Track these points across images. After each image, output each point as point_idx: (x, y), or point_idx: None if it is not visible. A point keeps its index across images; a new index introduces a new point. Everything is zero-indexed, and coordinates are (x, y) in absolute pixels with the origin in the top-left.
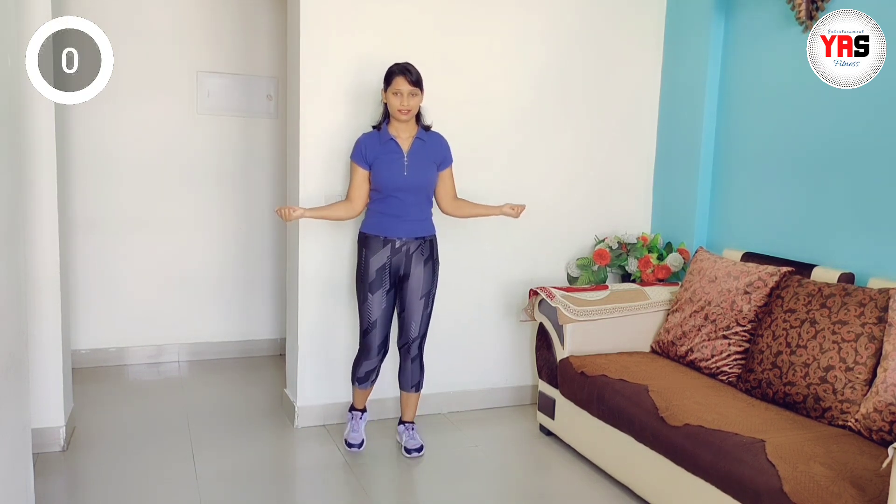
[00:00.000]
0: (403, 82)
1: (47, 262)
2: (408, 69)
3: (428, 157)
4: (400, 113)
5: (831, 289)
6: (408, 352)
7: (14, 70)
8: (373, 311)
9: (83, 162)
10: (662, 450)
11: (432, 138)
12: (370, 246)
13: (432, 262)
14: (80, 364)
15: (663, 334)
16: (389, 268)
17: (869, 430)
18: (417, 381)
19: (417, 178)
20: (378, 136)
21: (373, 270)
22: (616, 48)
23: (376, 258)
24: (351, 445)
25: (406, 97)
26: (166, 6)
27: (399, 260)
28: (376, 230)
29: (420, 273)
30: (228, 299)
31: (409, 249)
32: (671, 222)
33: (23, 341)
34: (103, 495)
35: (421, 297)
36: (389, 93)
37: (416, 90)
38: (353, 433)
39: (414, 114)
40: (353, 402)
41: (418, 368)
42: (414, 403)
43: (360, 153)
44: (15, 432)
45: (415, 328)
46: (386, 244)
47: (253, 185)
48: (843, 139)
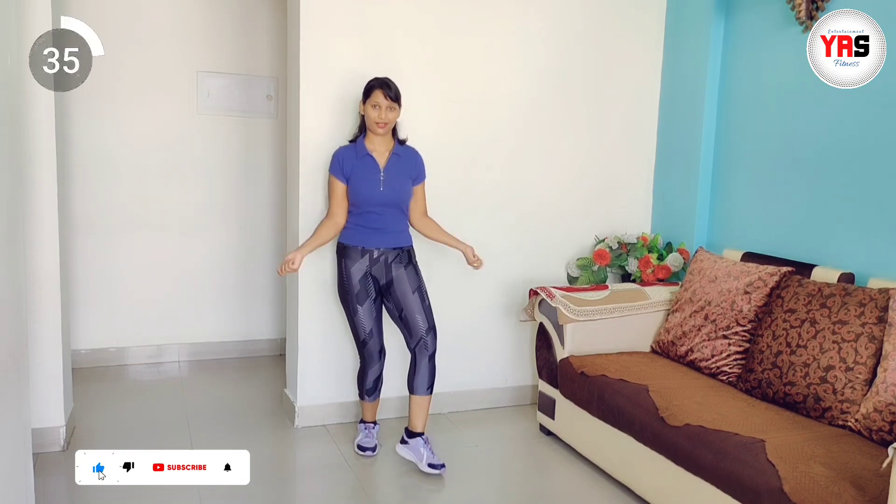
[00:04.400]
0: (381, 96)
1: (47, 261)
2: (387, 83)
3: (403, 172)
4: (377, 126)
5: (831, 289)
6: (424, 348)
7: (14, 70)
8: (365, 322)
9: (83, 162)
10: (662, 450)
11: (407, 153)
12: (349, 255)
13: (413, 266)
14: (80, 364)
15: (663, 334)
16: (371, 277)
17: (869, 430)
18: (432, 383)
19: (393, 194)
20: (354, 150)
21: (355, 281)
22: (616, 48)
23: (356, 267)
24: (364, 449)
25: (384, 111)
26: (166, 6)
27: (378, 269)
28: (354, 241)
29: (403, 274)
30: (228, 299)
31: (387, 259)
32: (671, 222)
33: (23, 341)
34: (103, 495)
35: (413, 291)
36: (368, 105)
37: (394, 105)
38: (366, 438)
39: (390, 128)
40: (363, 415)
41: (433, 368)
42: (427, 409)
43: (339, 167)
44: (15, 432)
45: (421, 320)
46: (364, 254)
47: (253, 185)
48: (844, 139)
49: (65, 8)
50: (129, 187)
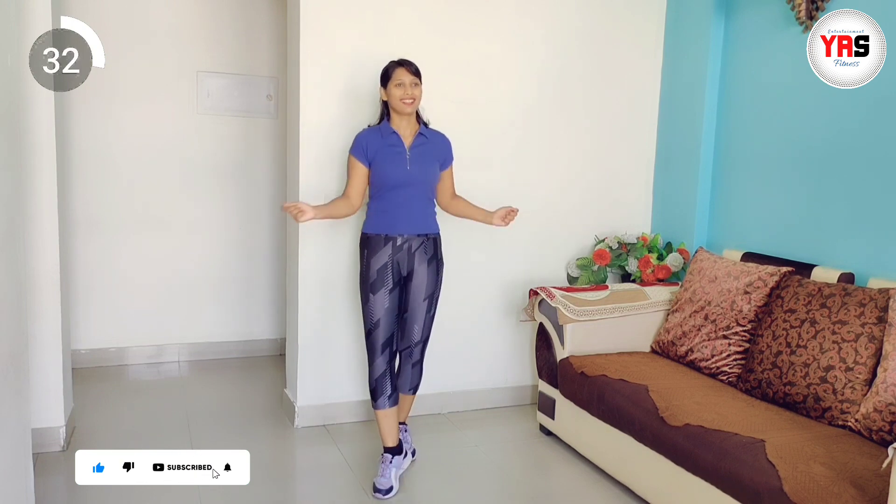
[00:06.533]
0: (405, 73)
1: (47, 261)
2: (407, 61)
3: (431, 155)
4: (404, 103)
5: (831, 289)
6: (409, 356)
7: (14, 70)
8: (375, 310)
9: (83, 162)
10: (662, 450)
11: (435, 136)
12: (371, 246)
13: (436, 262)
14: (80, 364)
15: (663, 334)
16: (392, 266)
17: (869, 430)
18: (416, 385)
19: (420, 174)
20: (378, 130)
21: (374, 271)
22: (616, 49)
23: (377, 258)
24: (376, 490)
25: (409, 87)
26: (166, 6)
27: (402, 258)
28: (377, 229)
29: (424, 273)
30: (228, 299)
31: (410, 247)
32: (671, 222)
33: (23, 341)
34: (103, 495)
35: (424, 298)
36: (391, 86)
37: (417, 80)
38: (381, 477)
39: (418, 104)
40: (382, 437)
41: (418, 373)
42: (409, 404)
43: (361, 149)
44: (15, 432)
45: (417, 331)
46: (387, 242)
47: (253, 185)
48: (843, 139)
49: (65, 8)
50: (128, 187)
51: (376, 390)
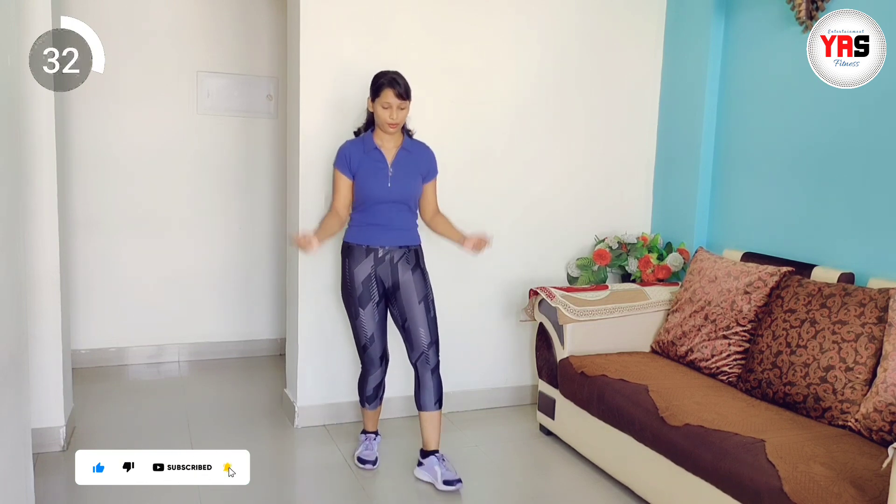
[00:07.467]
0: (392, 95)
1: (47, 261)
2: (396, 81)
3: (413, 168)
4: (388, 126)
5: (831, 289)
6: (426, 362)
7: (14, 70)
8: (367, 326)
9: (83, 162)
10: (662, 450)
11: (417, 148)
12: (353, 256)
13: (420, 271)
14: (80, 364)
15: (663, 334)
16: (375, 279)
17: (869, 430)
18: (440, 396)
19: (401, 191)
20: (362, 143)
21: (358, 283)
22: (616, 48)
23: (360, 269)
24: (364, 461)
25: (395, 111)
26: (166, 6)
27: (384, 270)
28: (359, 239)
29: (410, 280)
30: (229, 299)
31: (392, 258)
32: (671, 222)
33: (23, 341)
34: (103, 495)
35: (419, 301)
36: (378, 105)
37: (404, 103)
38: (366, 451)
39: (401, 126)
40: (365, 425)
41: (438, 382)
42: (438, 424)
43: (345, 162)
44: (15, 432)
45: (424, 334)
46: (369, 253)
47: (253, 185)
48: (843, 139)
49: (65, 8)
50: (129, 187)
51: (370, 396)
